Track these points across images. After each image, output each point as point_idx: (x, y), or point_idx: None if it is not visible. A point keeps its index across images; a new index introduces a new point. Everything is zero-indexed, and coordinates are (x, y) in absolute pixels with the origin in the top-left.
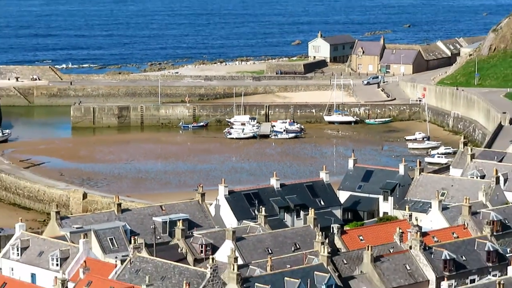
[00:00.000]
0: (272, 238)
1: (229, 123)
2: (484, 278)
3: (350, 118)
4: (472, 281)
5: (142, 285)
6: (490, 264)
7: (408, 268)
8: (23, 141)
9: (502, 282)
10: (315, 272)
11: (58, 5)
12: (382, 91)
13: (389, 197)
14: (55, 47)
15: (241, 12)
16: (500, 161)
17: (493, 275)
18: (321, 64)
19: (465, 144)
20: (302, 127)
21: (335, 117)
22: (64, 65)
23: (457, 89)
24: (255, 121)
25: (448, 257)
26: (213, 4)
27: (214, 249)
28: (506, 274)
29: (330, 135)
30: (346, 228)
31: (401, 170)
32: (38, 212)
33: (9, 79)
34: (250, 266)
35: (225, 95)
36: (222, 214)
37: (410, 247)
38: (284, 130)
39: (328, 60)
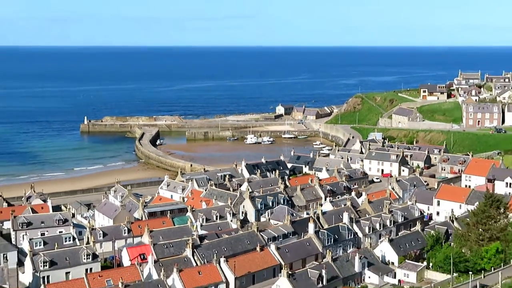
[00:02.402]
0: (262, 181)
1: (245, 137)
2: (343, 197)
3: (292, 136)
4: (338, 198)
5: (212, 199)
6: (345, 191)
7: (314, 192)
8: (168, 145)
9: (349, 198)
10: (279, 194)
11: (182, 92)
12: (304, 125)
13: (307, 166)
14: (179, 110)
15: (249, 97)
16: (348, 152)
17: (346, 196)
18: (280, 115)
19: (335, 145)
20: (273, 139)
21: (287, 135)
22: (183, 116)
23: (334, 125)
24: (255, 136)
25: (329, 188)
26: (238, 94)
27: (240, 185)
28: (351, 195)
29: (284, 142)
30: (290, 177)
31: (311, 155)
32: (173, 172)
33: (162, 121)
34: (254, 192)
35: (245, 127)
36: (243, 173)
37: (314, 185)
38: (267, 140)
39: (283, 114)
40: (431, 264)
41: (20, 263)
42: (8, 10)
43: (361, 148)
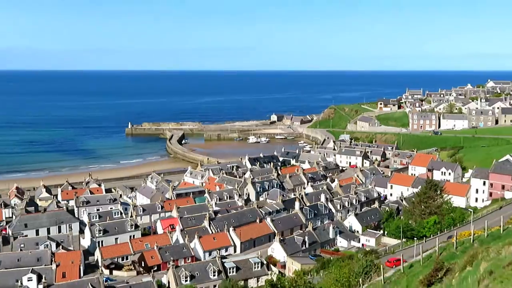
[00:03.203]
0: (261, 170)
1: (248, 138)
2: (320, 182)
3: (283, 137)
4: (317, 183)
5: (224, 184)
6: (322, 178)
7: (299, 179)
8: (190, 143)
9: (325, 183)
10: (273, 180)
11: (201, 104)
12: (291, 129)
13: (294, 159)
14: (198, 117)
15: (251, 107)
16: (324, 149)
17: (323, 181)
18: (274, 122)
19: (315, 144)
20: (269, 139)
21: (279, 136)
22: (202, 122)
23: (313, 129)
24: (255, 137)
25: (310, 176)
26: (242, 105)
27: (244, 174)
28: (326, 181)
29: (277, 142)
30: (282, 168)
31: (297, 151)
32: (194, 163)
33: (186, 126)
34: (254, 178)
35: (247, 130)
36: (247, 164)
37: (299, 173)
38: (264, 140)
39: (276, 120)
40: (386, 232)
41: (81, 231)
42: (78, 43)
43: (334, 146)
